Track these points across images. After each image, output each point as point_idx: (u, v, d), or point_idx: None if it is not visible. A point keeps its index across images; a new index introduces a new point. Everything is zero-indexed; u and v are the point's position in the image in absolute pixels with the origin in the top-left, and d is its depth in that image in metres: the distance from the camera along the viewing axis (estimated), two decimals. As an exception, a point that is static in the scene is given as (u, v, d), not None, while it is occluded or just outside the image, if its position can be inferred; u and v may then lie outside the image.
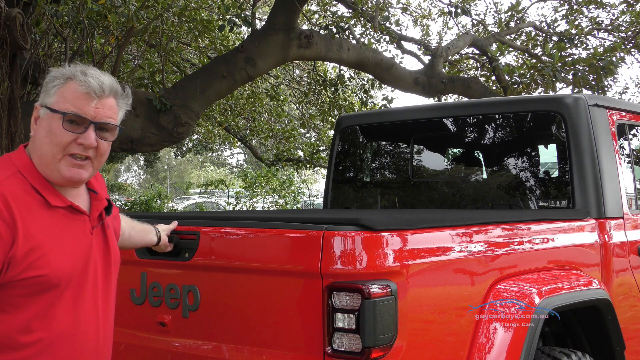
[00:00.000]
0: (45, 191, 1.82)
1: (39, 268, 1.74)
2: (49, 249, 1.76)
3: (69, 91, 1.83)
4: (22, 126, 5.28)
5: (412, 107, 4.47)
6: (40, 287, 1.75)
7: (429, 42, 11.37)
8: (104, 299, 1.95)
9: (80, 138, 1.82)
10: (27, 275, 1.72)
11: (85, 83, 1.83)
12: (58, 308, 1.80)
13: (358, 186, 4.60)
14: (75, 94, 1.83)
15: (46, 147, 1.82)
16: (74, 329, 1.83)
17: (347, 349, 2.14)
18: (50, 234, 1.79)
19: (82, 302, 1.86)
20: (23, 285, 1.73)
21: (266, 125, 12.05)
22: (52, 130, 1.81)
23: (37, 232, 1.76)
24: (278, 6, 6.76)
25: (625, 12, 9.89)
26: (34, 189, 1.81)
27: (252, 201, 16.45)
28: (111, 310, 2.01)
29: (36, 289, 1.75)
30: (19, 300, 1.74)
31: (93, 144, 1.83)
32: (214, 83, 6.62)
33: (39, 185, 1.82)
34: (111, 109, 1.89)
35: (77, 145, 1.82)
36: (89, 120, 1.83)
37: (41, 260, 1.74)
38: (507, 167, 4.02)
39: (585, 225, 3.26)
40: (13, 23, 4.95)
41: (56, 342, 1.79)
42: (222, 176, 28.40)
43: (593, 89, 7.63)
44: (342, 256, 2.17)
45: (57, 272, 1.77)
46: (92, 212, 1.94)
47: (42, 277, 1.74)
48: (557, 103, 3.54)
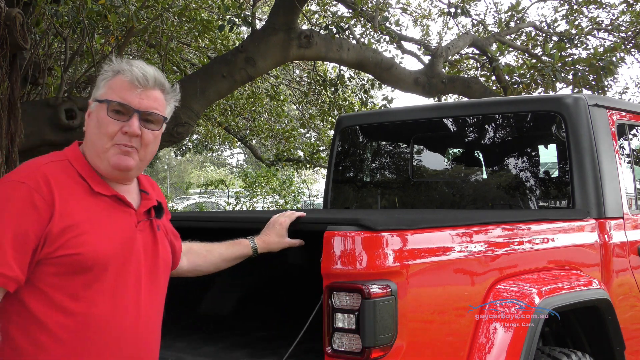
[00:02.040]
0: (91, 179, 1.87)
1: (74, 247, 1.76)
2: (85, 230, 1.79)
3: (116, 82, 1.90)
4: (22, 126, 5.28)
5: (412, 107, 4.46)
6: (75, 267, 1.77)
7: (429, 42, 11.37)
8: (148, 297, 1.93)
9: (125, 126, 1.87)
10: (62, 252, 1.75)
11: (129, 72, 1.89)
12: (97, 293, 1.81)
13: (358, 186, 4.60)
14: (121, 85, 1.89)
15: (95, 137, 1.89)
16: (112, 316, 1.83)
17: (347, 349, 2.14)
18: (89, 217, 1.82)
19: (123, 292, 1.86)
20: (58, 263, 1.76)
21: (266, 125, 12.05)
22: (99, 120, 1.88)
23: (76, 212, 1.79)
24: (278, 6, 6.76)
25: (625, 12, 9.89)
26: (80, 176, 1.86)
27: (252, 201, 16.45)
28: (157, 311, 1.99)
29: (71, 269, 1.77)
30: (55, 279, 1.77)
31: (137, 132, 1.87)
32: (214, 83, 6.62)
33: (86, 174, 1.87)
34: (156, 101, 1.93)
35: (122, 135, 1.87)
36: (133, 109, 1.88)
37: (77, 239, 1.77)
38: (507, 167, 4.02)
39: (585, 225, 3.26)
40: (13, 23, 4.94)
41: (94, 327, 1.80)
42: (222, 176, 28.38)
43: (593, 89, 7.63)
44: (342, 256, 2.17)
45: (92, 253, 1.79)
46: (139, 207, 1.97)
47: (76, 255, 1.77)
48: (557, 103, 3.54)
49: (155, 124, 1.93)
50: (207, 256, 2.41)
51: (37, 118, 5.78)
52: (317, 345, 2.29)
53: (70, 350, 1.77)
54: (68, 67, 6.94)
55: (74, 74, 7.35)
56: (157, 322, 1.99)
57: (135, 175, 2.00)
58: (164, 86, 1.96)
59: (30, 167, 1.83)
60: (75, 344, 1.78)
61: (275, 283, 3.60)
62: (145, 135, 1.90)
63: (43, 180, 1.77)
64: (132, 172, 1.94)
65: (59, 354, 1.76)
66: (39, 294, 1.76)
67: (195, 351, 2.83)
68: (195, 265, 2.38)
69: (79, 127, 5.80)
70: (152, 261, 1.97)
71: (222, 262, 2.44)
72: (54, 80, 6.82)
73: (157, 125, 1.94)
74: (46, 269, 1.76)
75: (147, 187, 2.06)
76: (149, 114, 1.90)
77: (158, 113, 1.93)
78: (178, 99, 2.03)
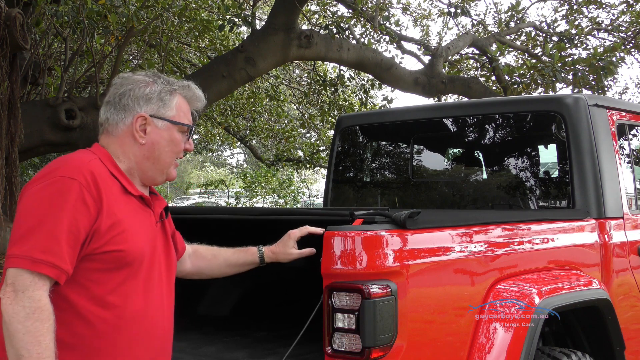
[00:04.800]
0: (122, 178, 1.97)
1: (119, 243, 1.85)
2: (127, 227, 1.89)
3: (182, 104, 2.06)
4: (22, 126, 5.28)
5: (412, 107, 4.46)
6: (118, 263, 1.86)
7: (429, 42, 11.38)
8: (167, 293, 2.04)
9: (187, 144, 2.09)
10: (108, 249, 1.84)
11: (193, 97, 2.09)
12: (131, 288, 1.89)
13: (358, 186, 4.60)
14: (186, 107, 2.07)
15: (166, 155, 2.04)
16: (144, 310, 1.92)
17: (347, 349, 2.14)
18: (126, 215, 1.91)
19: (151, 287, 1.95)
20: (103, 259, 1.84)
21: (266, 125, 12.06)
22: (174, 140, 2.04)
23: (118, 210, 1.88)
24: (278, 6, 6.77)
25: (625, 12, 9.89)
26: (112, 175, 1.94)
27: (251, 201, 16.45)
28: (172, 306, 2.08)
29: (114, 265, 1.85)
30: (97, 275, 1.84)
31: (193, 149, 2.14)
32: (214, 83, 6.62)
33: (117, 174, 1.96)
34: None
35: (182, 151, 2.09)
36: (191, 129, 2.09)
37: (121, 236, 1.86)
38: (507, 167, 4.02)
39: (585, 225, 3.26)
40: (13, 23, 4.95)
41: (129, 321, 1.88)
42: (222, 176, 28.39)
43: (593, 89, 7.63)
44: (342, 256, 2.17)
45: (133, 249, 1.88)
46: (155, 208, 2.07)
47: (120, 252, 1.85)
48: (557, 103, 3.54)
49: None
50: (212, 261, 2.43)
51: (37, 118, 5.78)
52: (317, 345, 2.28)
53: (108, 342, 1.84)
54: (68, 67, 6.95)
55: (74, 74, 7.35)
56: (172, 319, 2.08)
57: None
58: None
59: (76, 163, 1.88)
60: (113, 337, 1.85)
61: (276, 283, 3.60)
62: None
63: (91, 178, 1.85)
64: None
65: (97, 346, 1.83)
66: (80, 288, 1.83)
67: (195, 351, 2.83)
68: (199, 268, 2.42)
69: (79, 127, 5.80)
70: (167, 260, 2.07)
71: (227, 267, 2.45)
72: (54, 80, 6.82)
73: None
74: (89, 265, 1.83)
75: (153, 189, 2.15)
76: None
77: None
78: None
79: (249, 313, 3.51)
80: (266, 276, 3.51)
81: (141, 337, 1.91)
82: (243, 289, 3.56)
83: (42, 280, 1.74)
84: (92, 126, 5.79)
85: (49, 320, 1.72)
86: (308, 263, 2.46)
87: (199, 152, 22.62)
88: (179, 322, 3.11)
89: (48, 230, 1.76)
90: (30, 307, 1.70)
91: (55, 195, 1.80)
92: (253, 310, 3.53)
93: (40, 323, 1.70)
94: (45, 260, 1.73)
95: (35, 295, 1.72)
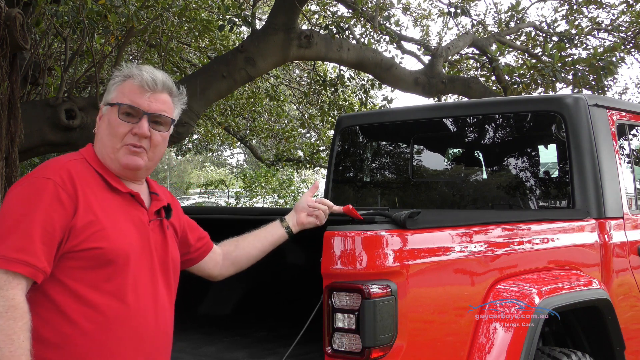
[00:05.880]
0: (108, 176, 1.97)
1: (97, 240, 1.84)
2: (106, 225, 1.88)
3: (126, 87, 1.99)
4: (22, 126, 5.28)
5: (412, 107, 4.46)
6: (98, 260, 1.85)
7: (429, 42, 11.37)
8: (161, 293, 2.01)
9: (135, 128, 1.96)
10: (86, 246, 1.83)
11: (139, 77, 1.99)
12: (117, 287, 1.87)
13: (358, 186, 4.60)
14: (131, 88, 1.99)
15: (106, 138, 1.98)
16: (135, 309, 1.90)
17: (347, 349, 2.14)
18: (108, 213, 1.90)
19: (141, 286, 1.93)
20: (82, 257, 1.84)
21: (266, 125, 12.05)
22: (111, 122, 1.98)
23: (97, 208, 1.88)
24: (278, 6, 6.76)
25: (625, 12, 9.89)
26: (97, 173, 1.96)
27: (251, 201, 16.46)
28: (169, 308, 2.05)
29: (95, 263, 1.85)
30: (79, 273, 1.84)
31: (146, 134, 1.97)
32: (214, 83, 6.61)
33: (102, 171, 1.97)
34: (165, 104, 2.03)
35: (132, 135, 1.97)
36: (143, 111, 1.97)
37: (99, 233, 1.85)
38: (507, 167, 4.02)
39: (585, 225, 3.26)
40: (13, 23, 4.94)
41: (116, 320, 1.87)
42: (222, 176, 28.39)
43: (593, 89, 7.63)
44: (342, 256, 2.18)
45: (114, 247, 1.87)
46: (150, 207, 2.05)
47: (99, 249, 1.84)
48: (557, 103, 3.54)
49: (163, 126, 2.03)
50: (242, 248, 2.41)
51: (37, 118, 5.78)
52: (317, 345, 2.29)
53: (94, 341, 1.83)
54: (68, 67, 6.94)
55: (74, 74, 7.35)
56: (170, 319, 2.06)
57: (145, 175, 2.09)
58: (172, 90, 2.06)
59: (54, 164, 1.91)
60: (99, 335, 1.84)
61: (275, 283, 3.60)
62: (154, 137, 2.00)
63: (67, 177, 1.86)
64: (141, 172, 2.03)
65: (83, 345, 1.83)
66: (63, 287, 1.83)
67: (195, 351, 2.84)
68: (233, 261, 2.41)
69: (79, 127, 5.80)
70: (163, 259, 2.04)
71: (258, 252, 2.43)
72: (54, 80, 6.82)
73: (166, 127, 2.04)
74: (70, 263, 1.83)
75: (157, 190, 2.15)
76: (157, 116, 2.00)
77: (166, 115, 2.03)
78: (185, 102, 2.13)
79: (249, 313, 3.51)
80: (266, 276, 3.51)
81: (130, 337, 1.89)
82: (243, 289, 3.56)
83: (16, 279, 1.74)
84: (92, 126, 5.77)
85: (23, 319, 1.72)
86: (308, 263, 2.46)
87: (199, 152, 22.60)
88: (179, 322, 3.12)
89: (23, 230, 1.77)
90: (4, 306, 1.70)
91: (31, 195, 1.82)
92: (253, 310, 3.53)
93: (13, 321, 1.70)
94: (19, 259, 1.74)
95: (8, 294, 1.72)
